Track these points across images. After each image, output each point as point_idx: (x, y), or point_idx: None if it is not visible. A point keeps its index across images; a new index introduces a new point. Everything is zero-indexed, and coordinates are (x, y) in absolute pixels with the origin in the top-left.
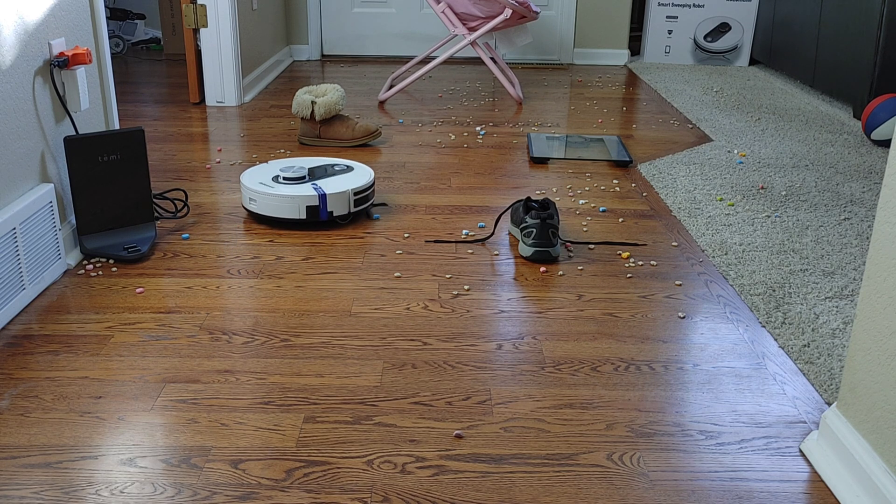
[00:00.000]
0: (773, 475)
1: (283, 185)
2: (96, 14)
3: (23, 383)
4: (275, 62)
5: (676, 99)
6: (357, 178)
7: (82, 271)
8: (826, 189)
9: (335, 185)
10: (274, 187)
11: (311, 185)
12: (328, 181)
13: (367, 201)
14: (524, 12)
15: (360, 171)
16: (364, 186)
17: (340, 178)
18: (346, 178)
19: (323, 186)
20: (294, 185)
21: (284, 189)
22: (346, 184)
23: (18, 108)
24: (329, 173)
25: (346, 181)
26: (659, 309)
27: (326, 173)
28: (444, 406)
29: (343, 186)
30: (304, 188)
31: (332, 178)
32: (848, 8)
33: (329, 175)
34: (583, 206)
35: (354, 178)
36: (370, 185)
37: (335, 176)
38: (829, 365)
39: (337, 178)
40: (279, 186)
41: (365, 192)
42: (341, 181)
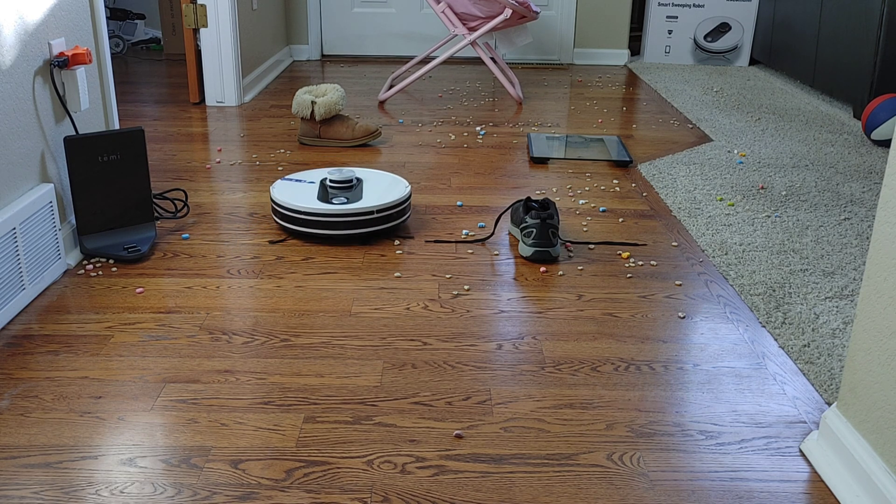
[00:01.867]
0: (773, 475)
1: (338, 203)
2: (96, 14)
3: (23, 383)
4: (275, 62)
5: (676, 99)
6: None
7: (82, 271)
8: (826, 189)
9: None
10: (333, 207)
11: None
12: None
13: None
14: (524, 12)
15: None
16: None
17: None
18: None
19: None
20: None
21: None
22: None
23: (18, 108)
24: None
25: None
26: (659, 309)
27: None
28: (444, 406)
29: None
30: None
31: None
32: (848, 8)
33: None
34: (583, 206)
35: (388, 189)
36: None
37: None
38: (829, 365)
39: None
40: (335, 206)
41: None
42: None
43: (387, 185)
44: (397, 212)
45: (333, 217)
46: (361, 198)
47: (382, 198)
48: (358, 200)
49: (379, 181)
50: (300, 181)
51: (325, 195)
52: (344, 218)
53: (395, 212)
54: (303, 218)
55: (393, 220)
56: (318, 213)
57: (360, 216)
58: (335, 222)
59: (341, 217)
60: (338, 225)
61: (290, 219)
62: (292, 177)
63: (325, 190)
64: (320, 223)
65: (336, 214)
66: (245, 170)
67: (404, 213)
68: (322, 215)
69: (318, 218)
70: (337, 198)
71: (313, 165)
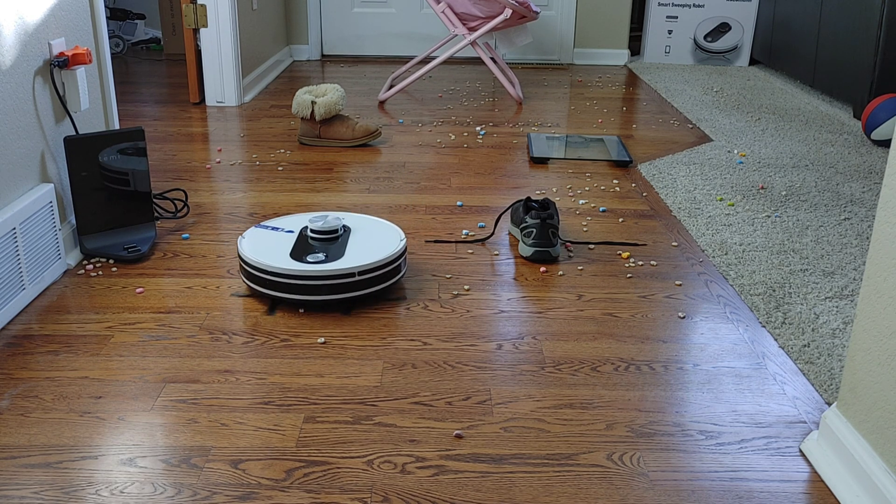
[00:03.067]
0: (773, 475)
1: (315, 263)
2: (96, 14)
3: (23, 383)
4: (275, 62)
5: (676, 99)
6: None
7: (82, 271)
8: (826, 189)
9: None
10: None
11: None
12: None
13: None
14: (524, 12)
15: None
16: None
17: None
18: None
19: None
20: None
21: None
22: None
23: (18, 108)
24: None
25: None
26: (659, 309)
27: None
28: (444, 406)
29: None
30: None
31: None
32: (848, 8)
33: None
34: (583, 206)
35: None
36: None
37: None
38: (829, 365)
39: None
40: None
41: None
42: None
43: (378, 236)
44: (386, 273)
45: (304, 280)
46: (343, 254)
47: (368, 254)
48: (338, 258)
49: (370, 231)
50: (276, 229)
51: (303, 249)
52: (317, 281)
53: (384, 273)
54: (268, 279)
55: (380, 282)
56: (285, 275)
57: (337, 279)
58: (306, 286)
59: (314, 280)
60: (310, 289)
61: (254, 278)
62: (268, 223)
63: (304, 242)
64: (288, 286)
65: (307, 276)
66: (245, 170)
67: (395, 273)
68: (290, 276)
69: (285, 280)
70: (314, 253)
71: (313, 165)
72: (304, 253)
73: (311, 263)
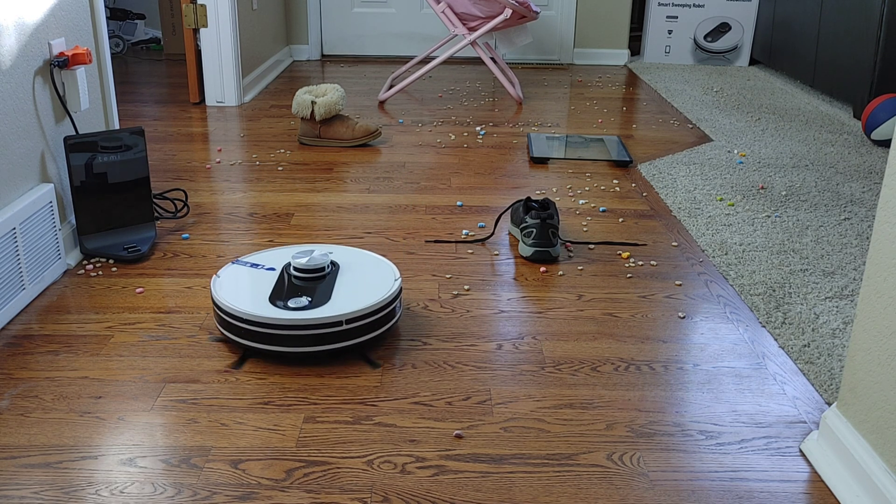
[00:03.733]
0: (773, 475)
1: (293, 310)
2: (96, 14)
3: (23, 383)
4: (275, 62)
5: (676, 99)
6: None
7: (82, 271)
8: (826, 189)
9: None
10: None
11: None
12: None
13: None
14: (524, 12)
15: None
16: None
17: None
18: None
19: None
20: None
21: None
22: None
23: (18, 108)
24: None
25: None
26: (659, 309)
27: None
28: (444, 406)
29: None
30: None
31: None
32: (848, 8)
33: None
34: (583, 206)
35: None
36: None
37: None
38: (829, 365)
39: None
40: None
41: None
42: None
43: (369, 275)
44: (378, 319)
45: (283, 329)
46: (329, 298)
47: (358, 298)
48: (323, 302)
49: (361, 268)
50: (256, 266)
51: (284, 291)
52: (299, 331)
53: (375, 320)
54: (242, 327)
55: (370, 330)
56: (261, 323)
57: (321, 328)
58: (286, 337)
59: (294, 329)
60: (290, 340)
61: (228, 326)
62: (247, 259)
63: (287, 283)
64: (266, 336)
65: (287, 325)
66: (245, 170)
67: (388, 318)
68: (267, 325)
69: (261, 329)
70: (296, 297)
71: (313, 165)
72: (286, 296)
73: (293, 309)
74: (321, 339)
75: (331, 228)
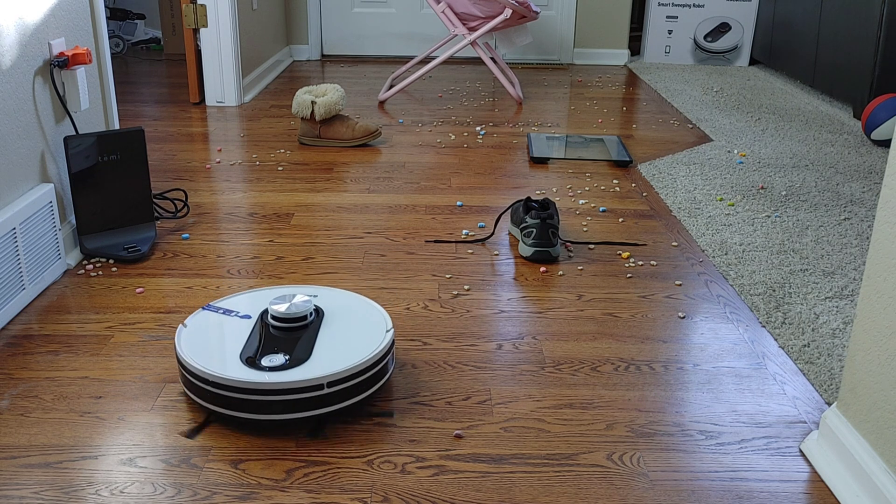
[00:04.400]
0: (773, 475)
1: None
2: (96, 14)
3: (23, 383)
4: (275, 62)
5: (676, 99)
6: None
7: (82, 271)
8: (826, 189)
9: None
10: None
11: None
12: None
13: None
14: (524, 12)
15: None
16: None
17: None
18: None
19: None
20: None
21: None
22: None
23: (18, 108)
24: (312, 333)
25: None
26: (659, 309)
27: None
28: (444, 406)
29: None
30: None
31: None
32: (848, 8)
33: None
34: (583, 206)
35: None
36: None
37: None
38: (829, 365)
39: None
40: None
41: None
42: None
43: (357, 324)
44: (366, 380)
45: (255, 394)
46: (310, 354)
47: (343, 355)
48: (303, 360)
49: (348, 315)
50: (229, 313)
51: (259, 345)
52: (273, 396)
53: (363, 381)
54: (208, 390)
55: (357, 393)
56: (227, 386)
57: (299, 392)
58: (259, 403)
59: (268, 395)
60: (263, 407)
61: (193, 388)
62: (220, 304)
63: (262, 334)
64: (235, 402)
65: (257, 389)
66: (245, 170)
67: (378, 377)
68: (236, 389)
69: (228, 393)
70: (272, 353)
71: (313, 165)
72: (260, 352)
73: (266, 369)
74: (298, 406)
75: (331, 228)
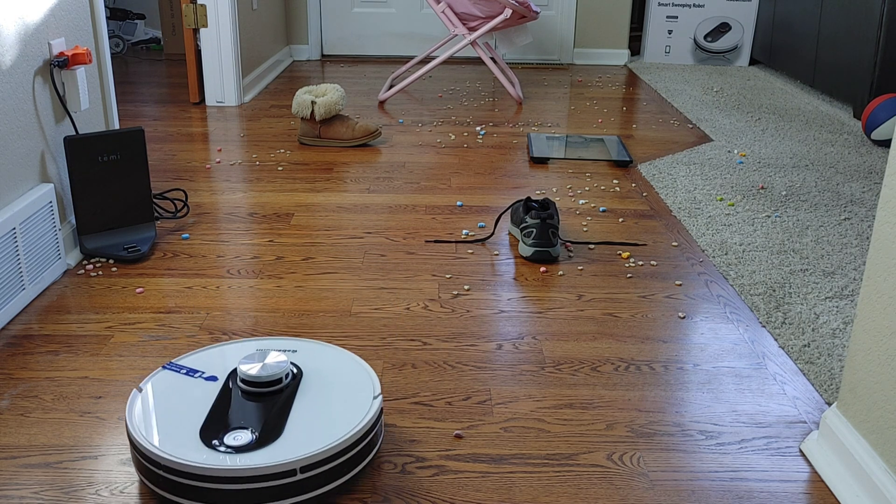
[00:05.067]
0: (773, 475)
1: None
2: (96, 14)
3: (23, 383)
4: (275, 62)
5: (676, 99)
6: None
7: (82, 271)
8: (826, 189)
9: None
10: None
11: None
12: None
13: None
14: (524, 12)
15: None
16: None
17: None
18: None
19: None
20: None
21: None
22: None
23: (18, 108)
24: (284, 406)
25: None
26: (659, 309)
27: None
28: (444, 406)
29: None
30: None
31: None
32: (848, 8)
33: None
34: (583, 206)
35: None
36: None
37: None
38: (829, 365)
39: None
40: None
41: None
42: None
43: (339, 390)
44: (347, 461)
45: (213, 482)
46: (282, 430)
47: (321, 430)
48: (273, 438)
49: (329, 377)
50: (193, 374)
51: (224, 418)
52: (234, 484)
53: (344, 461)
54: (161, 476)
55: (338, 476)
56: (183, 472)
57: (266, 480)
58: (217, 491)
59: (228, 483)
60: (223, 497)
61: (145, 471)
62: (183, 363)
63: (229, 402)
64: (191, 490)
65: (218, 477)
66: (245, 170)
67: (364, 455)
68: (192, 476)
69: (185, 480)
70: (237, 428)
71: (313, 165)
72: (224, 427)
73: (230, 450)
74: (265, 495)
75: (331, 228)
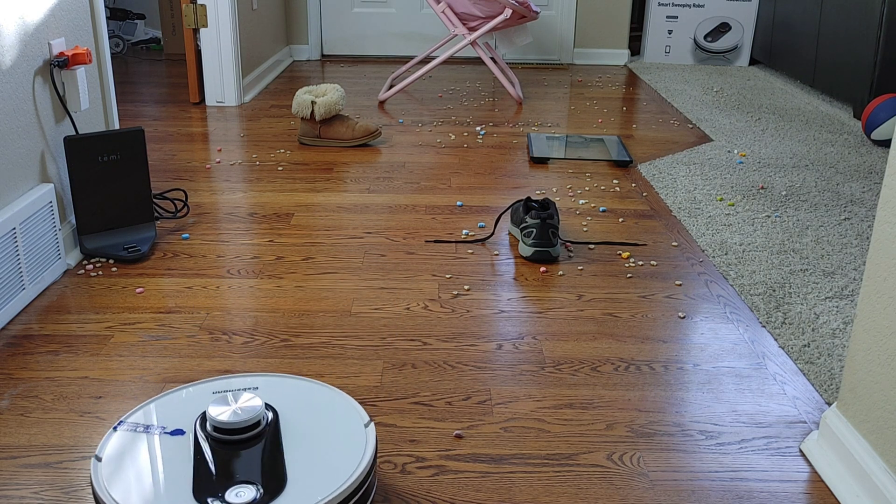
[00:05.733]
0: (773, 475)
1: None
2: (96, 14)
3: (23, 383)
4: (275, 62)
5: (676, 99)
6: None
7: (82, 271)
8: (826, 189)
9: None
10: None
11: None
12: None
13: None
14: (524, 12)
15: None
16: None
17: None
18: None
19: None
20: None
21: None
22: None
23: (18, 108)
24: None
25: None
26: (659, 309)
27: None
28: (444, 406)
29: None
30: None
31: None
32: (848, 8)
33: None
34: (583, 206)
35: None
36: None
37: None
38: (829, 365)
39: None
40: None
41: None
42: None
43: (325, 423)
44: (364, 493)
45: None
46: (285, 478)
47: (327, 470)
48: (279, 489)
49: (308, 413)
50: (150, 430)
51: (212, 474)
52: None
53: (362, 495)
54: None
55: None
56: None
57: None
58: None
59: None
60: None
61: None
62: (135, 419)
63: (210, 457)
64: None
65: None
66: (245, 170)
67: (371, 488)
68: None
69: None
70: (238, 484)
71: (313, 165)
72: (220, 483)
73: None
74: None
75: (331, 228)
